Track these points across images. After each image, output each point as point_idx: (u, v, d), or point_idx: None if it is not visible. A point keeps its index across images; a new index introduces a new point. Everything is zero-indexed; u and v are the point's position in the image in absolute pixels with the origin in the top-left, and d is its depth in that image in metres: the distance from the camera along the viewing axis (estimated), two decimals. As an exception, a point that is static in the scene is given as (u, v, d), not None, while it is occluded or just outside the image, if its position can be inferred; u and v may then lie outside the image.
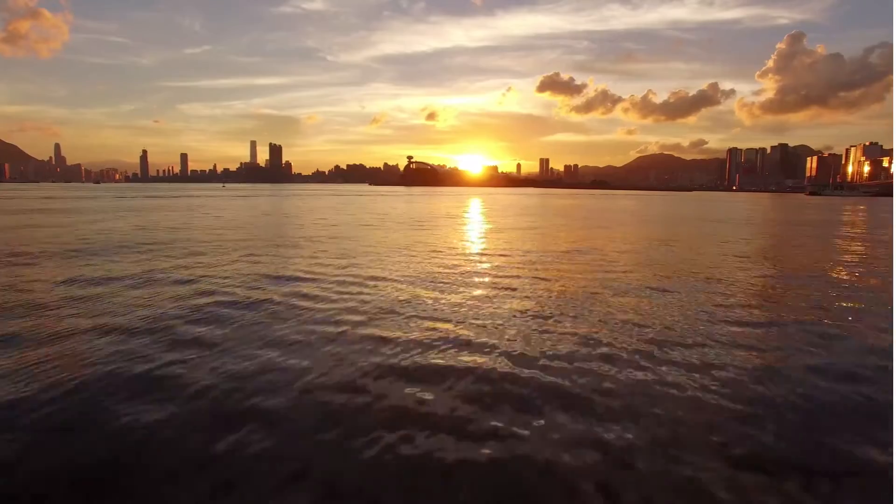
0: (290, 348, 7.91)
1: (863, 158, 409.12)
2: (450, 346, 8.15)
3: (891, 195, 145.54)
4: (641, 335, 8.82)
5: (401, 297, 11.44)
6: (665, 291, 12.56)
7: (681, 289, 12.93)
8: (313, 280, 13.40)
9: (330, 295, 11.63)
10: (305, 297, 11.39)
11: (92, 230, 27.35)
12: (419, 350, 7.92)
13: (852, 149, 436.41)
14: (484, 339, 8.46)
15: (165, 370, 6.95)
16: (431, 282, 13.49)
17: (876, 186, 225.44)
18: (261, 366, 7.17)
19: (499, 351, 7.91)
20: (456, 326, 9.19)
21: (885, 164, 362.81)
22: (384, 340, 8.34)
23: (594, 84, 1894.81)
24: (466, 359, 7.57)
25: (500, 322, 9.52)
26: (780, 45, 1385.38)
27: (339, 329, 8.93)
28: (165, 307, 10.27)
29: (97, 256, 17.37)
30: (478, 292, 12.25)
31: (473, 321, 9.57)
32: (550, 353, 7.84)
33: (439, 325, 9.31)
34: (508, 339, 8.48)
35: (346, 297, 11.48)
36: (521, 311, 10.32)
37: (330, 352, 7.77)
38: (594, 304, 11.05)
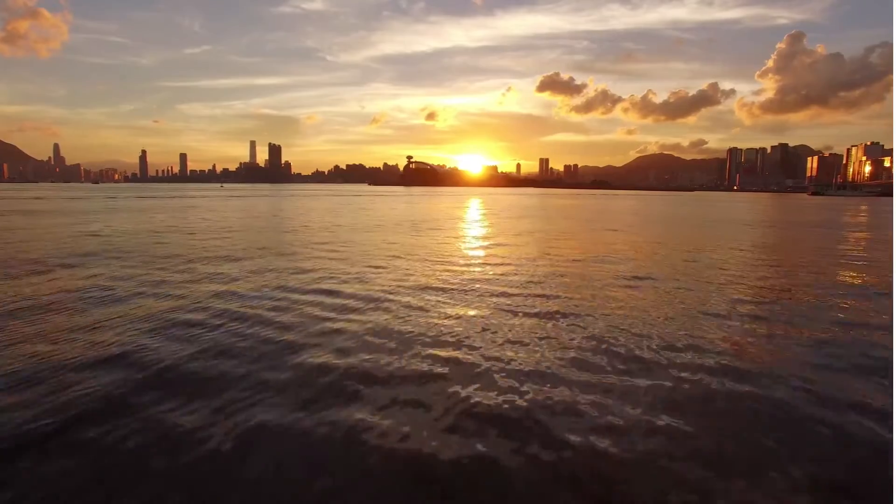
0: (219, 413, 5.72)
1: (864, 158, 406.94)
2: (453, 412, 5.89)
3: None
4: (730, 392, 6.59)
5: (392, 329, 9.43)
6: (722, 317, 10.42)
7: (741, 315, 10.71)
8: (284, 300, 11.38)
9: (301, 321, 9.58)
10: (267, 323, 9.30)
11: (66, 234, 25.41)
12: (407, 422, 5.61)
13: (853, 148, 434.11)
14: (512, 403, 6.19)
15: (28, 444, 4.99)
16: (431, 306, 11.47)
17: (879, 186, 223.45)
18: (175, 437, 5.13)
19: (531, 420, 5.69)
20: (464, 380, 6.99)
21: (887, 163, 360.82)
22: (360, 401, 6.16)
23: (594, 84, 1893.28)
24: (479, 447, 5.26)
25: (527, 371, 7.22)
26: (780, 45, 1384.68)
27: (297, 375, 6.88)
28: (83, 341, 8.25)
29: (53, 266, 15.39)
30: (489, 321, 10.22)
31: (489, 369, 7.33)
32: (614, 427, 5.65)
33: (440, 375, 7.31)
34: (545, 402, 6.15)
35: (322, 324, 9.48)
36: (550, 352, 8.11)
37: (275, 423, 5.55)
38: (641, 337, 8.76)
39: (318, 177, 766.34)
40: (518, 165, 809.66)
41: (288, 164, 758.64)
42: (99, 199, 71.67)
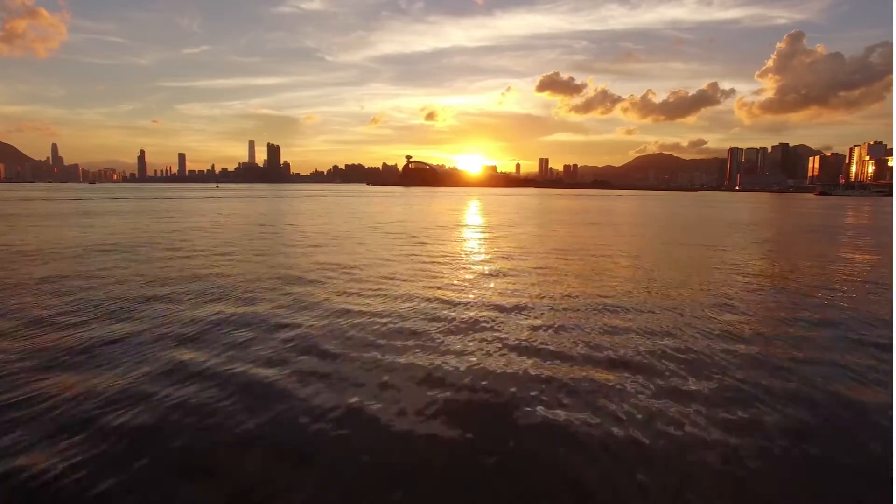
0: None
1: (867, 158, 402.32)
2: None
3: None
4: None
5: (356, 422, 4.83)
6: None
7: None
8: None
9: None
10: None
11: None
12: None
13: (856, 148, 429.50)
14: None
15: None
16: (433, 383, 6.87)
17: (887, 186, 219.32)
18: None
19: None
20: None
21: (890, 163, 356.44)
22: None
23: (593, 84, 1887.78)
24: None
25: None
26: (780, 45, 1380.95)
27: None
28: None
29: None
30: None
31: None
32: None
33: None
34: None
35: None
36: None
37: None
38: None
39: (317, 177, 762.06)
40: (517, 165, 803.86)
41: (287, 164, 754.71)
42: (76, 201, 66.88)
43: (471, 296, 12.50)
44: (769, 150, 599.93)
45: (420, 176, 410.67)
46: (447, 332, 9.43)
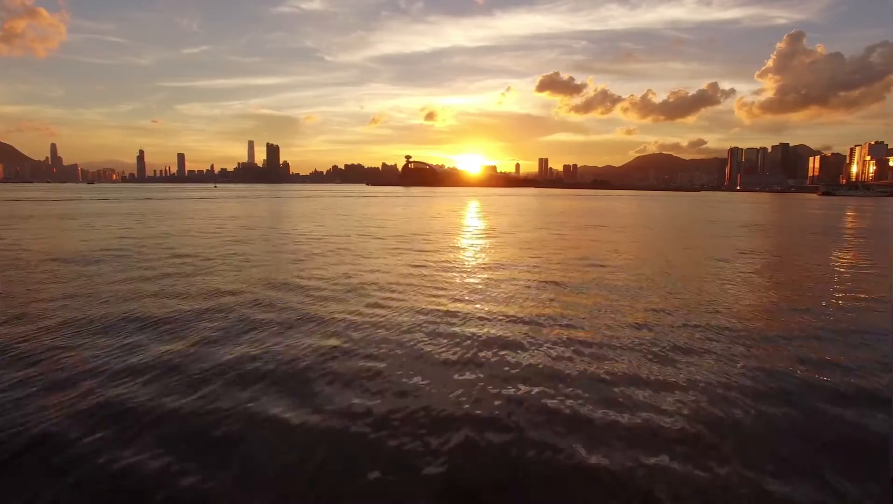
0: None
1: (868, 158, 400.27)
2: None
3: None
4: None
5: None
6: None
7: None
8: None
9: None
10: None
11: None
12: None
13: (857, 148, 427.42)
14: None
15: None
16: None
17: (890, 186, 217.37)
18: None
19: None
20: None
21: (891, 163, 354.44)
22: None
23: (593, 84, 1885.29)
24: None
25: None
26: (780, 45, 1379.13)
27: None
28: None
29: None
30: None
31: None
32: None
33: None
34: None
35: None
36: None
37: None
38: None
39: (317, 177, 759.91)
40: (517, 165, 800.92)
41: (286, 164, 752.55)
42: (61, 202, 64.90)
43: (487, 327, 10.44)
44: (769, 150, 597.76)
45: (420, 176, 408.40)
46: (458, 386, 7.38)
